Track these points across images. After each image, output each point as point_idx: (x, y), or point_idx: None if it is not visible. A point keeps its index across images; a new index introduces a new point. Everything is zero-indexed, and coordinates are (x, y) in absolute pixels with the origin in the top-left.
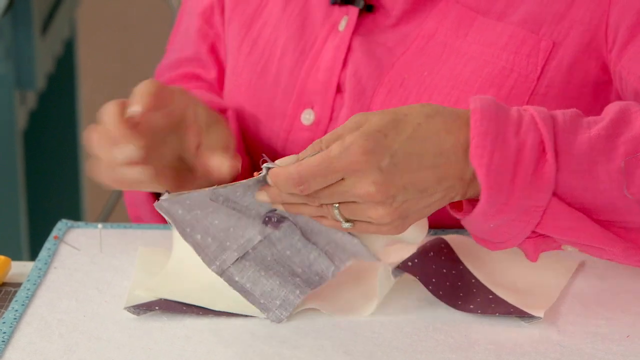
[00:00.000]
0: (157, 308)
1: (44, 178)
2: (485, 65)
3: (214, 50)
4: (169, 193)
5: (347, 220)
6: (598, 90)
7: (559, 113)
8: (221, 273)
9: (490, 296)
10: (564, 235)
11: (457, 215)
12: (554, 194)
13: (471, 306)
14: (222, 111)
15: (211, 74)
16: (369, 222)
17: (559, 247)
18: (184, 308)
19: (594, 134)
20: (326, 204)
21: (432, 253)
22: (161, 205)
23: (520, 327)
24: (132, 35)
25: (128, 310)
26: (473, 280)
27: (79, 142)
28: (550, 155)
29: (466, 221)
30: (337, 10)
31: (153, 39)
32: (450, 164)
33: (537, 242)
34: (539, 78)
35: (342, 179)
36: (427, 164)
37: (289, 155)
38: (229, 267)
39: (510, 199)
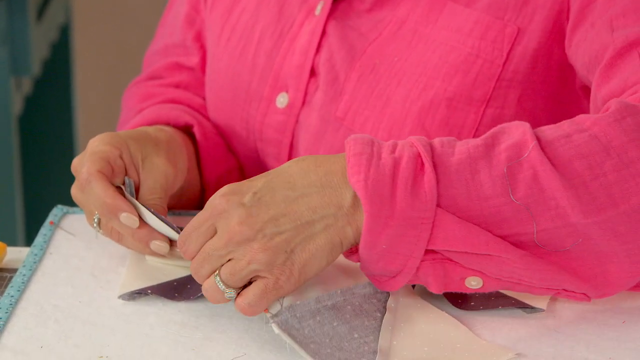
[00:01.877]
0: (149, 292)
1: (39, 163)
2: (451, 51)
3: (199, 37)
4: (281, 305)
5: (230, 287)
6: (564, 76)
7: (437, 139)
8: None
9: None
10: (458, 246)
11: (351, 257)
12: (439, 205)
13: (472, 303)
14: (189, 126)
15: (193, 60)
16: (256, 277)
17: (462, 282)
18: (176, 295)
19: (472, 144)
20: (209, 283)
21: None
22: (276, 322)
23: (515, 312)
24: (128, 21)
25: (122, 298)
26: None
27: (75, 127)
28: (428, 166)
29: (360, 253)
30: None
31: (148, 25)
32: (323, 192)
33: (435, 269)
34: (504, 64)
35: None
36: (295, 195)
37: (267, 138)
38: None
39: (393, 211)
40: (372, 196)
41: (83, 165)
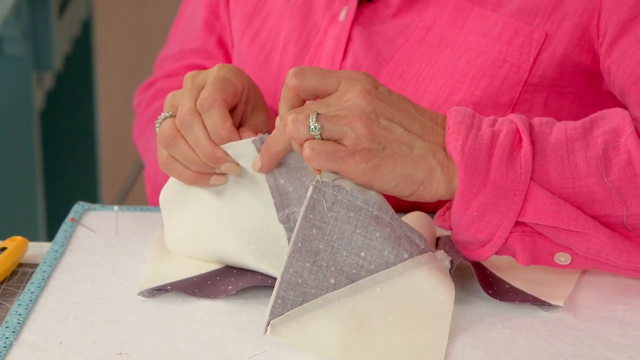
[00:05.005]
0: (169, 288)
1: (60, 159)
2: (479, 55)
3: (222, 43)
4: (332, 180)
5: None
6: (590, 81)
7: (536, 118)
8: (285, 220)
9: (507, 286)
10: (548, 220)
11: (443, 224)
12: (532, 179)
13: (490, 291)
14: None
15: None
16: (340, 144)
17: (551, 257)
18: (196, 291)
19: (570, 126)
20: (304, 115)
21: (447, 246)
22: (315, 187)
23: (536, 311)
24: (149, 15)
25: (142, 295)
26: (488, 272)
27: (96, 122)
28: (525, 141)
29: (451, 220)
30: (338, 0)
31: (169, 20)
32: (432, 128)
33: (524, 240)
34: (531, 69)
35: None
36: (415, 115)
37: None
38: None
39: (487, 180)
40: (468, 163)
41: (207, 81)
